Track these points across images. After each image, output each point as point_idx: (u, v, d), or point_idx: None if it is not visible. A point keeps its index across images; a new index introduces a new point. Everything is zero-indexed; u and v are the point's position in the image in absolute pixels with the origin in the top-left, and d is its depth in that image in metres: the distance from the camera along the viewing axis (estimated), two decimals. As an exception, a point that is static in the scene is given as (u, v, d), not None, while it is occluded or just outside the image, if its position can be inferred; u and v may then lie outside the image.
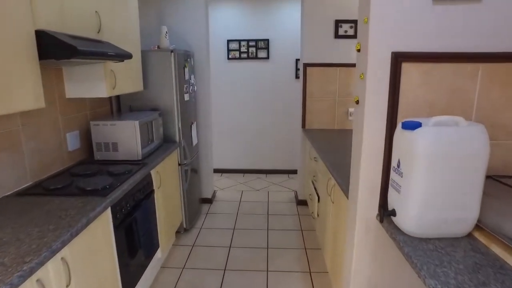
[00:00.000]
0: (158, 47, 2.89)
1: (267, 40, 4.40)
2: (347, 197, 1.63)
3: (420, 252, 1.06)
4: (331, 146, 2.64)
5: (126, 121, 2.23)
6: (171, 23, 3.27)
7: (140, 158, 2.27)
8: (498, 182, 1.30)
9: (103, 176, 1.91)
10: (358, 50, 1.36)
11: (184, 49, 3.16)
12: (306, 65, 3.34)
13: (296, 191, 3.98)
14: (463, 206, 1.12)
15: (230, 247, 2.84)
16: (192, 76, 3.20)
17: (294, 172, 4.69)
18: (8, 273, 0.98)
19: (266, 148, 4.75)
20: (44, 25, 1.46)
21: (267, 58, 4.46)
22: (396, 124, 1.29)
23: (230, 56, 4.48)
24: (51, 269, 1.15)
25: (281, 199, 3.92)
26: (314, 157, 2.85)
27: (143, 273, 2.08)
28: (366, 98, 1.29)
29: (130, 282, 1.88)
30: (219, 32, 4.41)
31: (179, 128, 2.85)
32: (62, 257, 1.21)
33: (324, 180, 2.40)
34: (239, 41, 4.42)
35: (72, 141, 2.20)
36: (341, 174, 1.91)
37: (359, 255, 1.47)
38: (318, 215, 2.67)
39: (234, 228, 3.18)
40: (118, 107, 2.87)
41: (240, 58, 4.48)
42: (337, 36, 3.26)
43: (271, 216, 3.45)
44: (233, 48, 4.45)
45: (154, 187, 2.26)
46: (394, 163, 1.25)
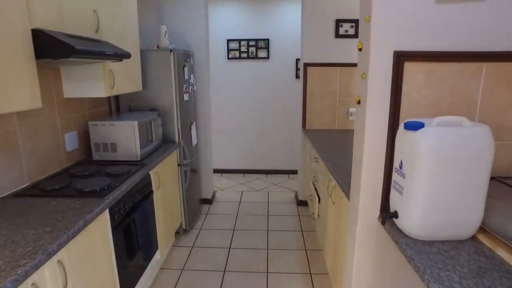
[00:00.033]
0: (157, 46, 2.87)
1: (267, 39, 4.38)
2: (348, 198, 1.61)
3: (423, 255, 1.04)
4: (332, 147, 2.62)
5: (125, 121, 2.21)
6: (170, 23, 3.25)
7: (139, 158, 2.25)
8: (503, 183, 1.27)
9: (101, 177, 1.89)
10: (360, 49, 1.33)
11: (184, 49, 3.14)
12: (306, 65, 3.32)
13: (296, 192, 3.96)
14: (467, 208, 1.10)
15: (230, 248, 2.82)
16: (192, 76, 3.18)
17: (294, 172, 4.67)
18: (2, 277, 0.96)
19: (266, 148, 4.73)
20: (41, 24, 1.44)
21: (267, 58, 4.44)
22: (398, 125, 1.27)
23: (230, 56, 4.46)
24: (47, 272, 1.13)
25: (281, 199, 3.89)
26: (315, 158, 2.83)
27: (142, 274, 2.06)
28: (368, 98, 1.27)
29: (128, 284, 1.86)
30: (219, 31, 4.39)
31: (178, 128, 2.83)
32: (58, 260, 1.19)
33: (324, 180, 2.38)
34: (239, 40, 4.40)
35: (70, 141, 2.18)
36: (342, 175, 1.89)
37: (360, 256, 1.45)
38: (318, 216, 2.65)
39: (234, 229, 3.16)
40: (117, 107, 2.85)
41: (240, 58, 4.46)
42: (337, 35, 3.24)
43: (271, 216, 3.43)
44: (233, 48, 4.43)
45: (153, 188, 2.24)
46: (396, 164, 1.23)
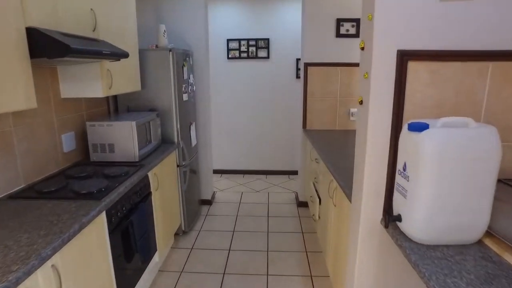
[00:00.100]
0: (156, 46, 2.84)
1: (268, 39, 4.35)
2: (349, 200, 1.58)
3: (428, 261, 1.01)
4: (333, 147, 2.59)
5: (123, 122, 2.17)
6: (169, 22, 3.22)
7: (137, 159, 2.21)
8: (510, 186, 1.24)
9: (99, 179, 1.86)
10: (362, 48, 1.30)
11: (183, 48, 3.11)
12: (307, 65, 3.29)
13: (296, 192, 3.93)
14: (473, 212, 1.07)
15: (229, 250, 2.79)
16: (191, 76, 3.15)
17: (295, 173, 4.64)
18: (-7, 283, 0.93)
19: (266, 149, 4.70)
20: (36, 22, 1.40)
21: (268, 57, 4.40)
22: (402, 126, 1.24)
23: (230, 56, 4.42)
24: (40, 277, 1.10)
25: (282, 200, 3.86)
26: (315, 158, 2.79)
27: (140, 277, 2.03)
28: (371, 98, 1.24)
29: (126, 287, 1.83)
30: (219, 31, 4.35)
31: (177, 129, 2.80)
32: (52, 265, 1.15)
33: (325, 182, 2.35)
34: (239, 40, 4.37)
35: (68, 142, 2.15)
36: (343, 176, 1.86)
37: (363, 260, 1.42)
38: (319, 217, 2.62)
39: (233, 230, 3.12)
40: (115, 107, 2.82)
41: (240, 57, 4.42)
42: (338, 35, 3.21)
43: (271, 218, 3.40)
44: (233, 48, 4.40)
45: (151, 189, 2.21)
46: (399, 166, 1.20)
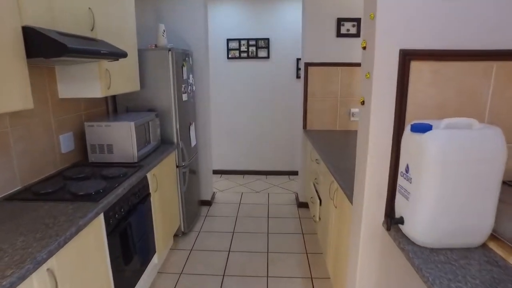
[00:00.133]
0: (156, 45, 2.82)
1: (268, 39, 4.32)
2: (351, 202, 1.56)
3: (431, 265, 0.99)
4: (333, 148, 2.57)
5: (121, 122, 2.15)
6: (169, 21, 3.19)
7: (136, 160, 2.19)
8: (513, 188, 1.22)
9: (97, 180, 1.84)
10: (364, 48, 1.28)
11: (182, 48, 3.09)
12: (307, 65, 3.26)
13: (297, 193, 3.90)
14: (478, 214, 1.04)
15: (229, 251, 2.76)
16: (191, 76, 3.13)
17: (295, 173, 4.61)
18: (-14, 289, 0.91)
19: (266, 149, 4.67)
20: (32, 21, 1.38)
21: (268, 57, 4.38)
22: (404, 127, 1.21)
23: (229, 56, 4.40)
24: (36, 281, 1.07)
25: (282, 201, 3.84)
26: (316, 159, 2.77)
27: (138, 279, 2.01)
28: (373, 99, 1.22)
29: (124, 290, 1.81)
30: (219, 30, 4.33)
31: (177, 129, 2.77)
32: (48, 268, 1.13)
33: (326, 182, 2.33)
34: (239, 40, 4.34)
35: (66, 142, 2.13)
36: (344, 177, 1.84)
37: (364, 262, 1.40)
38: (319, 219, 2.60)
39: (233, 232, 3.10)
40: (114, 107, 2.80)
41: (240, 57, 4.40)
42: (339, 34, 3.19)
43: (272, 219, 3.37)
44: (233, 47, 4.37)
45: (150, 191, 2.19)
46: (402, 168, 1.18)
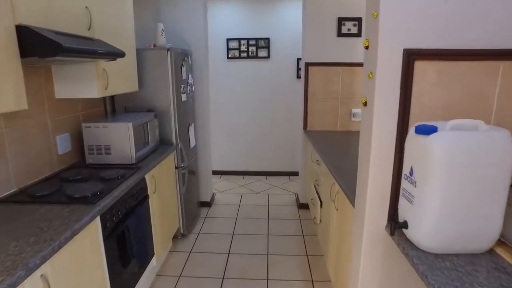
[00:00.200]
0: (154, 45, 2.79)
1: (268, 38, 4.29)
2: (353, 205, 1.52)
3: (437, 272, 0.95)
4: (334, 149, 2.53)
5: (119, 123, 2.12)
6: (168, 21, 3.16)
7: (134, 161, 2.16)
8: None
9: (94, 182, 1.81)
10: (366, 47, 1.25)
11: (182, 48, 3.05)
12: (307, 65, 3.23)
13: (297, 194, 3.87)
14: (485, 219, 1.01)
15: (229, 253, 2.73)
16: (190, 76, 3.09)
17: (295, 174, 4.58)
18: (-24, 297, 0.88)
19: (267, 150, 4.64)
20: (26, 20, 1.35)
21: (268, 57, 4.35)
22: (408, 128, 1.18)
23: (229, 55, 4.37)
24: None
25: (282, 202, 3.81)
26: (317, 160, 2.74)
27: (136, 282, 1.98)
28: (375, 99, 1.18)
29: (122, 293, 1.78)
30: (218, 30, 4.30)
31: (176, 130, 2.74)
32: (42, 274, 1.10)
33: (327, 184, 2.29)
34: (239, 39, 4.31)
35: (63, 144, 2.09)
36: (345, 179, 1.80)
37: (366, 267, 1.36)
38: (320, 220, 2.56)
39: (233, 233, 3.07)
40: (112, 108, 2.77)
41: (240, 57, 4.37)
42: (340, 34, 3.16)
43: (272, 220, 3.34)
44: (233, 47, 4.34)
45: (148, 192, 2.15)
46: (406, 171, 1.15)
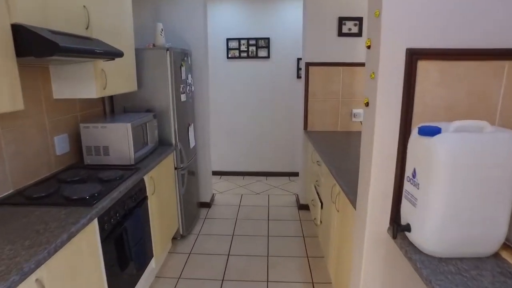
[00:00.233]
0: (154, 45, 2.77)
1: (268, 38, 4.27)
2: (354, 207, 1.50)
3: (441, 276, 0.93)
4: (335, 149, 2.51)
5: (118, 124, 2.10)
6: (167, 20, 3.14)
7: (132, 162, 2.14)
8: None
9: (92, 183, 1.78)
10: (368, 47, 1.23)
11: (181, 48, 3.03)
12: (308, 64, 3.21)
13: (297, 195, 3.85)
14: (490, 222, 0.99)
15: (228, 255, 2.71)
16: (189, 76, 3.07)
17: (295, 174, 4.56)
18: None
19: (267, 150, 4.62)
20: (22, 19, 1.32)
21: (268, 57, 4.32)
22: (411, 129, 1.16)
23: (229, 55, 4.34)
24: (23, 292, 1.02)
25: (282, 203, 3.78)
26: (317, 161, 2.72)
27: (135, 285, 1.95)
28: (378, 100, 1.16)
29: (120, 296, 1.76)
30: (218, 30, 4.27)
31: (175, 130, 2.72)
32: (37, 279, 1.08)
33: (327, 185, 2.27)
34: (239, 39, 4.28)
35: (61, 144, 2.07)
36: (346, 180, 1.78)
37: (368, 269, 1.34)
38: (321, 222, 2.54)
39: (233, 234, 3.05)
40: (111, 108, 2.75)
41: (240, 57, 4.34)
42: (340, 34, 3.13)
43: (272, 221, 3.32)
44: (233, 47, 4.32)
45: (147, 194, 2.13)
46: (408, 173, 1.13)
